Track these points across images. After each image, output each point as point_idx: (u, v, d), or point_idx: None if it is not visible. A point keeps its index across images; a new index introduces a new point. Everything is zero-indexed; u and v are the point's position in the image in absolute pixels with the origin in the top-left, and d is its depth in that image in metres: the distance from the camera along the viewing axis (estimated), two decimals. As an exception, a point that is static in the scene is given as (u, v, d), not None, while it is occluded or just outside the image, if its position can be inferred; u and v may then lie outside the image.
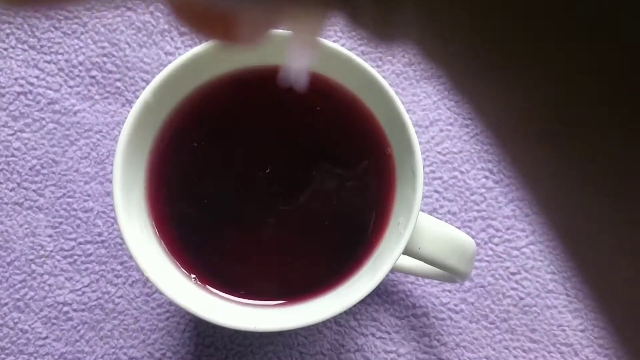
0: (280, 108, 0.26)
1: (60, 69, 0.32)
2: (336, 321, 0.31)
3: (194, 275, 0.25)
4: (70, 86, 0.32)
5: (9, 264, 0.31)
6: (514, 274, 0.31)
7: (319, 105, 0.26)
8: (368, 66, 0.24)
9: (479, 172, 0.32)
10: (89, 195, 0.31)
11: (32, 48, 0.32)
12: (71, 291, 0.30)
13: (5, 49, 0.32)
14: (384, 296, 0.31)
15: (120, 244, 0.31)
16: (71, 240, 0.31)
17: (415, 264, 0.28)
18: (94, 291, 0.31)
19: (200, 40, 0.12)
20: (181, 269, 0.25)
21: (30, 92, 0.32)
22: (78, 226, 0.31)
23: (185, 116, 0.25)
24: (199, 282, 0.25)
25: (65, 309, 0.30)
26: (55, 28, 0.32)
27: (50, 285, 0.30)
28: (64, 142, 0.31)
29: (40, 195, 0.31)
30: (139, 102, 0.24)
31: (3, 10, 0.08)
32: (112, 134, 0.32)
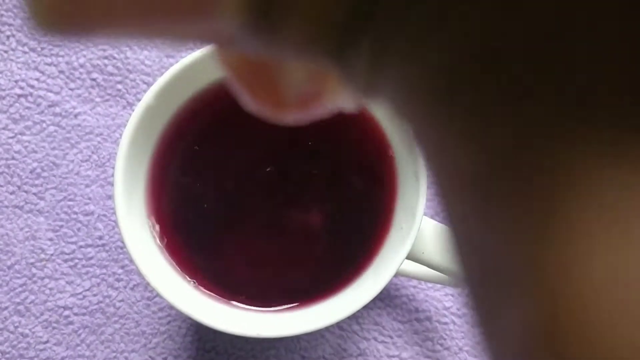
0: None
1: (60, 72, 0.32)
2: (338, 325, 0.31)
3: (193, 280, 0.25)
4: (71, 89, 0.32)
5: (10, 267, 0.30)
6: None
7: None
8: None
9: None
10: (89, 199, 0.31)
11: (33, 50, 0.32)
12: (72, 295, 0.30)
13: (6, 51, 0.32)
14: (386, 300, 0.31)
15: (121, 248, 0.31)
16: (72, 243, 0.31)
17: (418, 269, 0.28)
18: (94, 295, 0.30)
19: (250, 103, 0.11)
20: (182, 273, 0.25)
21: (31, 95, 0.32)
22: (79, 229, 0.31)
23: (187, 119, 0.25)
24: (199, 287, 0.25)
25: (66, 312, 0.30)
26: (56, 30, 0.32)
27: (50, 289, 0.30)
28: (65, 145, 0.31)
29: (41, 198, 0.31)
30: (141, 105, 0.23)
31: (42, 35, 0.08)
32: (113, 136, 0.31)
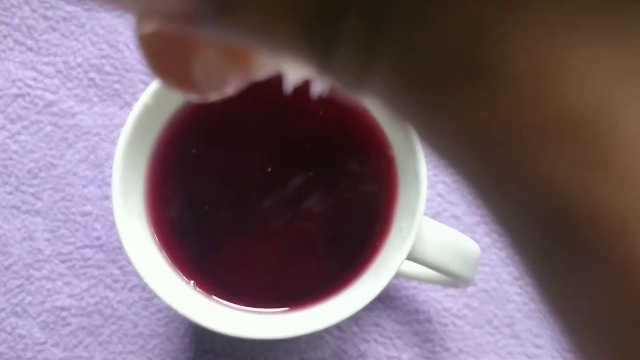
0: (281, 111, 0.25)
1: (58, 71, 0.32)
2: (338, 327, 0.30)
3: (191, 281, 0.24)
4: (68, 88, 0.31)
5: (7, 268, 0.30)
6: (518, 279, 0.31)
7: (320, 109, 0.25)
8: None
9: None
10: (87, 199, 0.31)
11: (30, 50, 0.32)
12: (69, 296, 0.30)
13: (3, 51, 0.32)
14: (386, 301, 0.31)
15: (119, 248, 0.30)
16: (69, 244, 0.30)
17: (418, 269, 0.27)
18: (92, 296, 0.30)
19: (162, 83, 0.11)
20: (180, 274, 0.25)
21: (28, 95, 0.31)
22: (76, 230, 0.30)
23: (185, 119, 0.25)
24: (198, 288, 0.24)
25: (64, 314, 0.30)
26: (53, 29, 0.32)
27: (48, 289, 0.30)
28: (62, 145, 0.31)
29: (38, 198, 0.31)
30: (139, 105, 0.23)
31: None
32: (111, 136, 0.31)
